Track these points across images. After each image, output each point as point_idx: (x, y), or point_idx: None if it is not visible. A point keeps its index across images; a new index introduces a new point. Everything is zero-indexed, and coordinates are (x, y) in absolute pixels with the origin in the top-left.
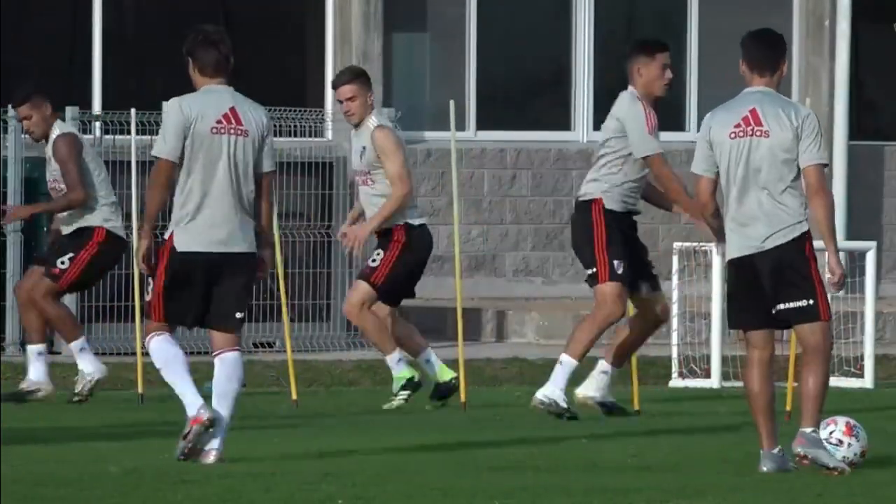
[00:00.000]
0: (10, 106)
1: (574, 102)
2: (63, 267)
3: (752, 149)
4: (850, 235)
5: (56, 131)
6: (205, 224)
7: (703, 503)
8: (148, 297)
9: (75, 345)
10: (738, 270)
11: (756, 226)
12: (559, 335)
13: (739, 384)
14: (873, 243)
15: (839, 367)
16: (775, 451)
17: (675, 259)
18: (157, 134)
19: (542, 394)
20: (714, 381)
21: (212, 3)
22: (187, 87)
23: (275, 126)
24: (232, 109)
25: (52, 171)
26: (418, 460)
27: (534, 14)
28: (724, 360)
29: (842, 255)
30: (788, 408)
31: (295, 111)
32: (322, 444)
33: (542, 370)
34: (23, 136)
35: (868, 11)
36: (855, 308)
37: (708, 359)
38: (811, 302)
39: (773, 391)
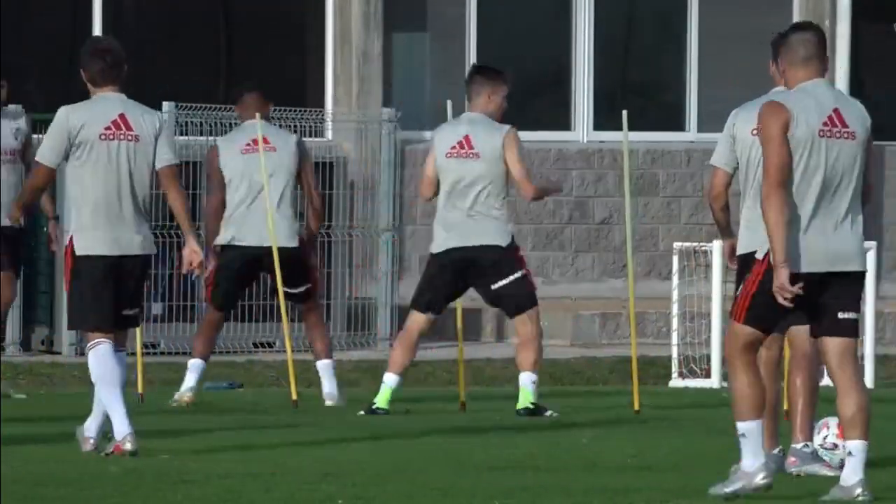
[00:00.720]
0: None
1: (574, 102)
2: None
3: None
4: None
5: None
6: (101, 228)
7: (703, 503)
8: (70, 306)
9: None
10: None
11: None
12: (559, 335)
13: None
14: (873, 243)
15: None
16: (776, 451)
17: (675, 259)
18: None
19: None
20: (714, 381)
21: (212, 3)
22: (186, 87)
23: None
24: (121, 115)
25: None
26: (418, 460)
27: (534, 14)
28: (725, 360)
29: None
30: (787, 407)
31: (295, 111)
32: (322, 445)
33: (542, 370)
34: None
35: (868, 12)
36: None
37: (708, 359)
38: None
39: (778, 392)
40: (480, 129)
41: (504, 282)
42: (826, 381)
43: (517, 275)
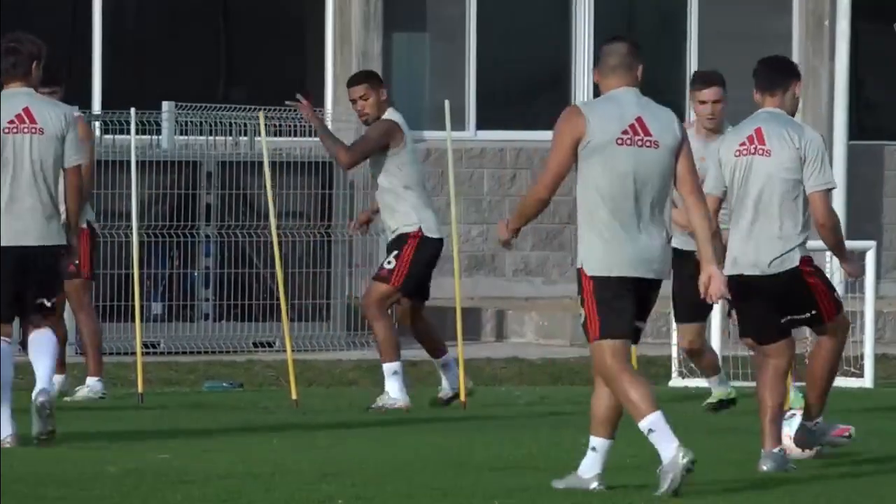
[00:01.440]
0: None
1: (573, 102)
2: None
3: (752, 167)
4: (850, 235)
5: None
6: (11, 219)
7: (703, 503)
8: None
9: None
10: (741, 287)
11: (756, 247)
12: (559, 335)
13: (739, 384)
14: (873, 243)
15: (839, 367)
16: (776, 450)
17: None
18: (157, 133)
19: None
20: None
21: (211, 3)
22: (186, 87)
23: (275, 126)
24: (26, 109)
25: None
26: (418, 460)
27: (533, 13)
28: (724, 360)
29: None
30: (787, 407)
31: (295, 111)
32: (322, 444)
33: (542, 370)
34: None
35: (868, 11)
36: (855, 307)
37: None
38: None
39: (783, 399)
40: None
41: None
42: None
43: None
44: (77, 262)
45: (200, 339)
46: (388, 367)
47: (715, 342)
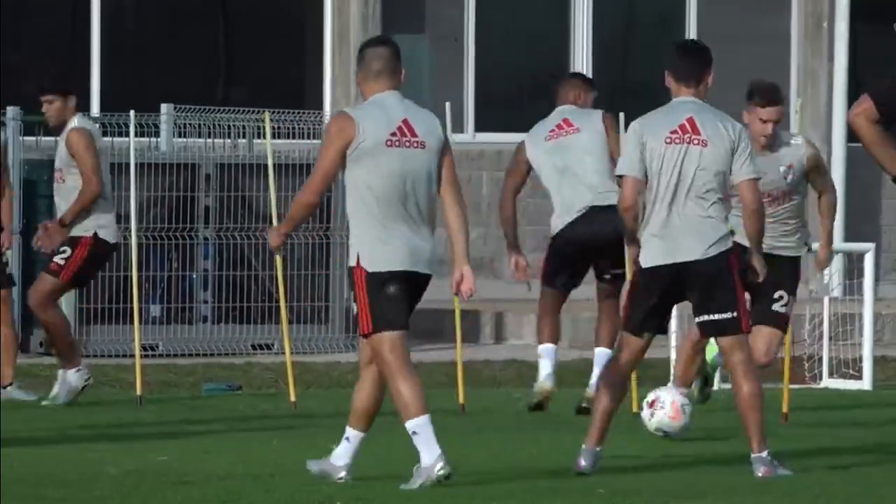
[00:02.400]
0: (7, 107)
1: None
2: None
3: (686, 156)
4: (849, 237)
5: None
6: None
7: (703, 503)
8: None
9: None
10: (653, 277)
11: (682, 236)
12: None
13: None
14: (871, 245)
15: (838, 369)
16: (598, 449)
17: None
18: (156, 135)
19: None
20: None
21: (210, 5)
22: (184, 88)
23: (273, 128)
24: None
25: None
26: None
27: (532, 15)
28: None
29: (839, 256)
30: (786, 409)
31: (293, 113)
32: (321, 446)
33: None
34: (22, 137)
35: (867, 12)
36: (853, 310)
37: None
38: (735, 314)
39: (623, 399)
40: None
41: None
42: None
43: None
44: (62, 262)
45: (199, 342)
46: None
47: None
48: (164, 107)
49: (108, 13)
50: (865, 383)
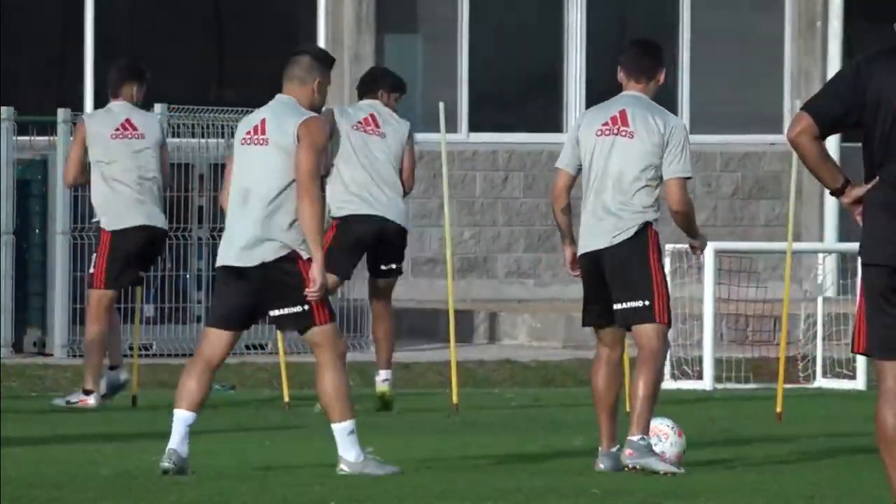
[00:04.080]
0: (1, 107)
1: (566, 104)
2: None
3: (613, 147)
4: (844, 236)
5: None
6: None
7: None
8: None
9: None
10: (589, 266)
11: (605, 223)
12: (551, 337)
13: (732, 386)
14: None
15: (831, 369)
16: (613, 450)
17: (667, 261)
18: None
19: None
20: (706, 383)
21: (203, 5)
22: (178, 89)
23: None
24: None
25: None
26: (410, 462)
27: (525, 15)
28: (717, 363)
29: (833, 255)
30: (779, 409)
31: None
32: (314, 446)
33: (534, 372)
34: (15, 137)
35: (860, 11)
36: (847, 309)
37: (700, 360)
38: (647, 303)
39: (618, 392)
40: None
41: None
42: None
43: None
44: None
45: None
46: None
47: (707, 343)
48: (157, 107)
49: (101, 13)
50: (859, 383)
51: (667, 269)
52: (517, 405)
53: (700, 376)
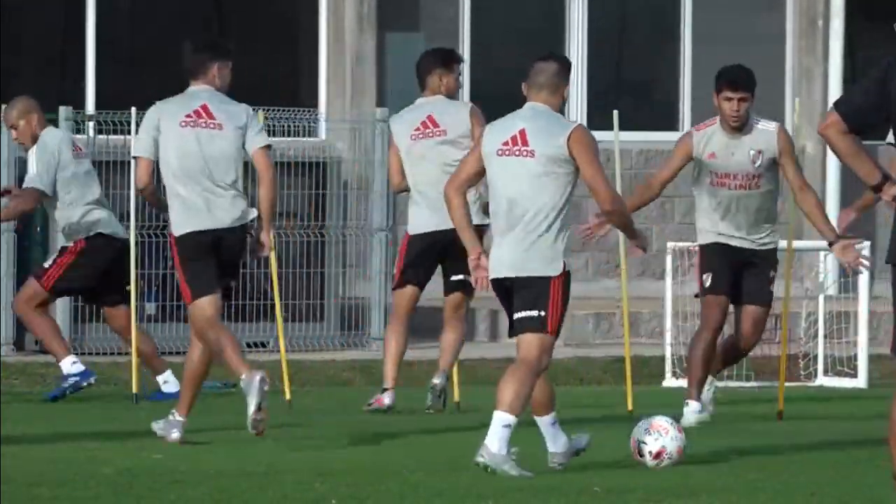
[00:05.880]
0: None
1: (567, 102)
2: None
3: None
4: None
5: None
6: None
7: (697, 503)
8: None
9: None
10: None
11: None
12: None
13: (732, 384)
14: (867, 243)
15: (833, 367)
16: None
17: (668, 259)
18: None
19: None
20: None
21: (205, 3)
22: (179, 88)
23: (268, 126)
24: None
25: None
26: (411, 460)
27: (527, 14)
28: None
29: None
30: (781, 407)
31: (288, 111)
32: (315, 444)
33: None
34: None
35: (861, 10)
36: (849, 308)
37: None
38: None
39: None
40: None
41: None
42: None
43: None
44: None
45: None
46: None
47: None
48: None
49: (102, 12)
50: (860, 381)
51: (667, 267)
52: None
53: None
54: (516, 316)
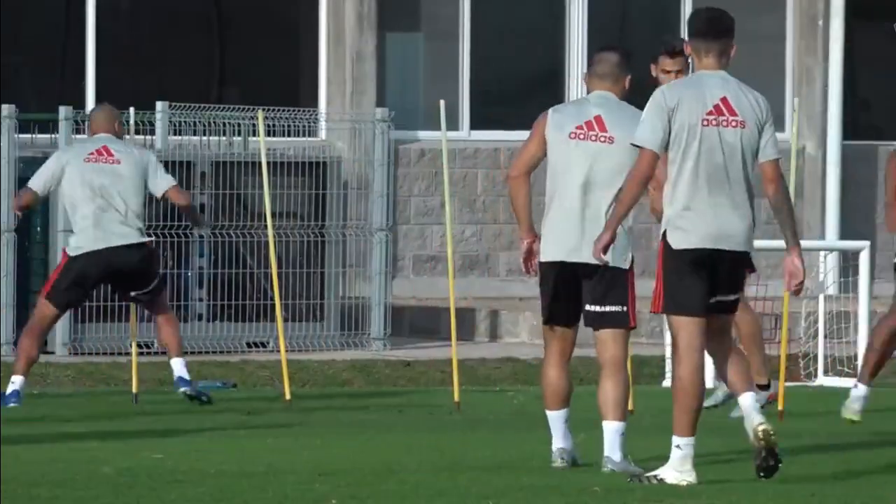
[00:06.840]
0: (2, 105)
1: (567, 102)
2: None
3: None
4: (844, 235)
5: None
6: None
7: (698, 502)
8: None
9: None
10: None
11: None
12: None
13: None
14: (867, 243)
15: (833, 367)
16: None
17: None
18: (151, 133)
19: None
20: (707, 381)
21: (205, 3)
22: (179, 87)
23: (268, 126)
24: None
25: None
26: (412, 460)
27: (527, 13)
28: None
29: (834, 254)
30: (781, 407)
31: (288, 111)
32: (315, 444)
33: (536, 370)
34: (17, 135)
35: (861, 10)
36: (848, 308)
37: None
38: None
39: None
40: None
41: None
42: None
43: None
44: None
45: (194, 340)
46: None
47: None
48: (159, 104)
49: (102, 11)
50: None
51: None
52: (519, 403)
53: None
54: (597, 309)
